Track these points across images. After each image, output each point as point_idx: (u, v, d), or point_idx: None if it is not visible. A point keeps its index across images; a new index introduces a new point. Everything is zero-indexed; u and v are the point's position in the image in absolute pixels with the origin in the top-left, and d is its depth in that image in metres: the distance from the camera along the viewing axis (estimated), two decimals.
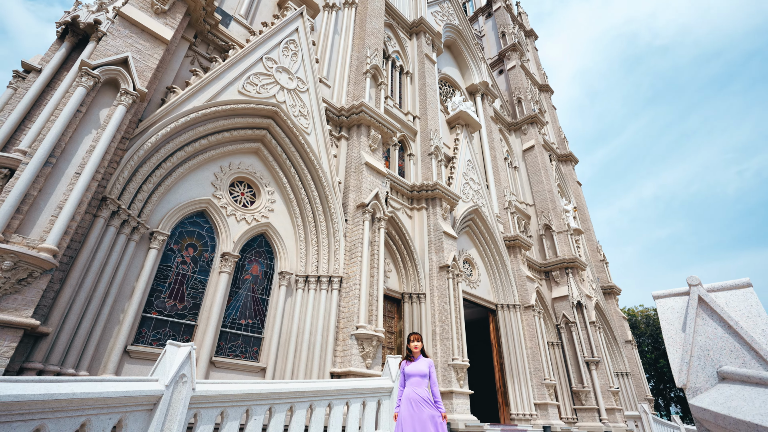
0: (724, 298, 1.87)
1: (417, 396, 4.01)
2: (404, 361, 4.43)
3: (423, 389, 4.08)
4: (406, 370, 4.33)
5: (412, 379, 4.18)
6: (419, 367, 4.24)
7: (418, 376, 4.18)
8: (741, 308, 1.82)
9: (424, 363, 4.28)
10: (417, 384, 4.13)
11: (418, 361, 4.33)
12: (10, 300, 4.87)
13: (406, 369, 4.32)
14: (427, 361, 4.32)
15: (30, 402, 3.04)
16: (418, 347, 4.39)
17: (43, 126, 5.95)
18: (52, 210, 5.53)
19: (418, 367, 4.25)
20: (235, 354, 8.26)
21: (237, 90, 9.24)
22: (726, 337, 1.70)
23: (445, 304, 12.70)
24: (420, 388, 4.09)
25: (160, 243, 7.58)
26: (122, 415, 3.85)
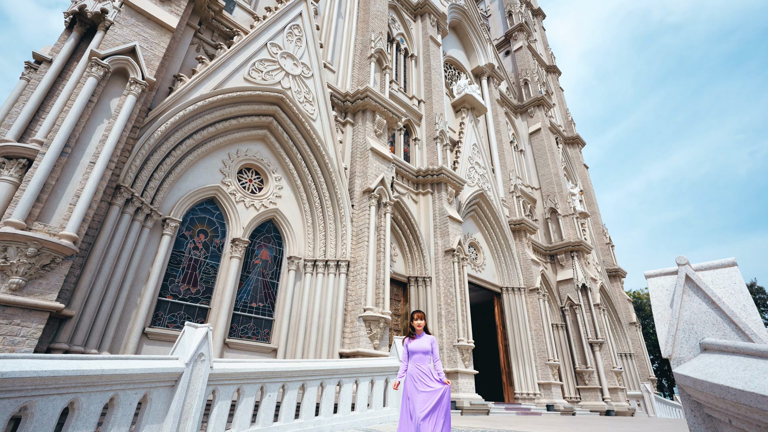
0: (711, 276, 2.00)
1: (420, 371, 4.15)
2: (407, 339, 4.53)
3: (426, 365, 4.22)
4: (409, 347, 4.45)
5: (415, 356, 4.30)
6: (422, 344, 4.35)
7: (420, 353, 4.29)
8: (725, 285, 1.94)
9: (426, 340, 4.38)
10: (420, 360, 4.26)
11: (421, 338, 4.43)
12: (36, 285, 5.12)
13: (410, 346, 4.44)
14: (429, 337, 4.43)
15: (64, 377, 3.28)
16: (421, 325, 4.49)
17: (57, 116, 6.11)
18: (70, 198, 5.73)
19: (421, 344, 4.36)
20: (247, 336, 8.56)
21: (243, 77, 9.29)
22: (709, 312, 1.83)
23: (450, 287, 12.92)
24: (423, 364, 4.22)
25: (172, 229, 7.80)
26: (147, 390, 4.11)
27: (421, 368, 4.18)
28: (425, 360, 4.25)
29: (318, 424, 6.12)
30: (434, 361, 4.31)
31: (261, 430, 5.38)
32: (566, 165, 28.19)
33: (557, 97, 32.45)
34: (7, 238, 4.97)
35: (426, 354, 4.28)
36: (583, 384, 18.42)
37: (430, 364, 4.25)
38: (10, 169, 5.66)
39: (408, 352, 4.40)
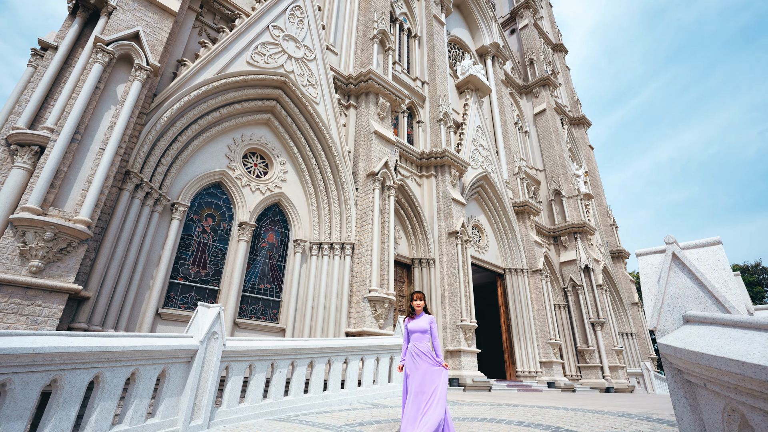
0: (697, 254, 2.11)
1: (418, 350, 4.27)
2: (407, 318, 4.63)
3: (424, 344, 4.33)
4: (408, 326, 4.55)
5: (414, 335, 4.41)
6: (421, 324, 4.45)
7: (419, 332, 4.40)
8: (709, 262, 2.06)
9: (425, 320, 4.49)
10: (419, 339, 4.36)
11: (420, 318, 4.53)
12: (54, 267, 5.34)
13: (409, 325, 4.54)
14: (428, 317, 4.54)
15: (89, 353, 3.50)
16: (420, 305, 4.59)
17: (66, 103, 6.20)
18: (82, 184, 5.89)
19: (419, 324, 4.46)
20: (256, 316, 8.84)
21: (245, 61, 9.29)
22: (693, 287, 1.95)
23: (453, 269, 13.12)
24: (421, 343, 4.33)
25: (181, 214, 7.98)
26: (165, 365, 4.35)
27: (419, 347, 4.30)
28: (423, 339, 4.36)
29: (326, 399, 6.41)
30: (432, 341, 4.43)
31: (272, 403, 5.66)
32: (571, 146, 27.96)
33: (563, 77, 31.90)
34: (25, 223, 5.16)
35: (424, 333, 4.40)
36: (584, 362, 18.81)
37: (429, 344, 4.37)
38: (23, 156, 5.80)
39: (407, 332, 4.51)
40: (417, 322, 4.49)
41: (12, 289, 4.94)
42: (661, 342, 1.88)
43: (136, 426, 3.95)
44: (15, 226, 5.19)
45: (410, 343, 4.45)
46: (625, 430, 3.98)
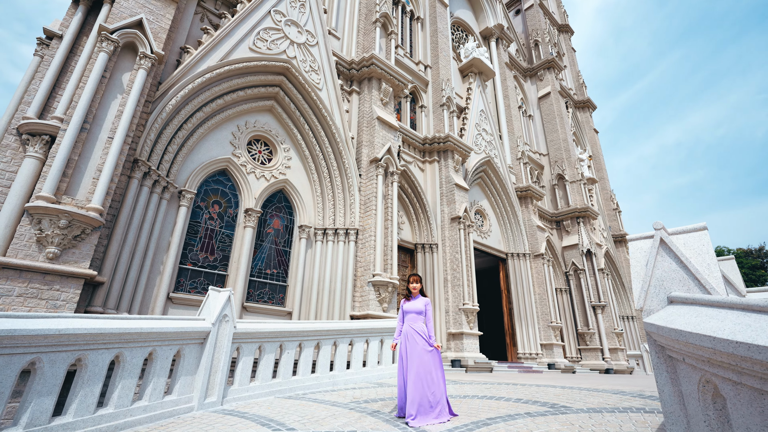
0: (683, 240, 2.23)
1: (413, 330, 4.41)
2: (404, 300, 4.74)
3: (419, 324, 4.46)
4: (404, 307, 4.67)
5: (409, 316, 4.53)
6: (416, 305, 4.57)
7: (414, 313, 4.53)
8: (695, 247, 2.18)
9: (421, 301, 4.60)
10: (413, 320, 4.49)
11: (416, 299, 4.64)
12: (70, 254, 5.53)
13: (405, 306, 4.66)
14: (424, 299, 4.64)
15: (110, 334, 3.70)
16: (417, 287, 4.69)
17: (74, 93, 6.30)
18: (93, 173, 6.03)
19: (415, 305, 4.58)
20: (263, 300, 9.09)
21: (248, 47, 9.28)
22: (678, 270, 2.08)
23: (456, 253, 13.30)
24: (416, 324, 4.46)
25: (188, 201, 8.14)
26: (180, 346, 4.57)
27: (414, 327, 4.43)
28: (418, 320, 4.50)
29: (333, 378, 6.68)
30: (426, 322, 4.54)
31: (281, 382, 5.92)
32: (575, 130, 27.73)
33: (569, 59, 31.37)
34: (41, 211, 5.34)
35: (419, 314, 4.52)
36: (584, 344, 19.14)
37: (423, 324, 4.49)
38: (35, 146, 5.93)
39: (403, 312, 4.64)
40: (413, 303, 4.62)
41: (31, 275, 5.15)
42: (647, 321, 2.02)
43: (155, 402, 4.19)
44: (31, 214, 5.36)
45: (405, 324, 4.58)
46: (618, 405, 4.19)
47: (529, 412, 4.09)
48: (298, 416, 4.34)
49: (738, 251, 50.91)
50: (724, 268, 4.38)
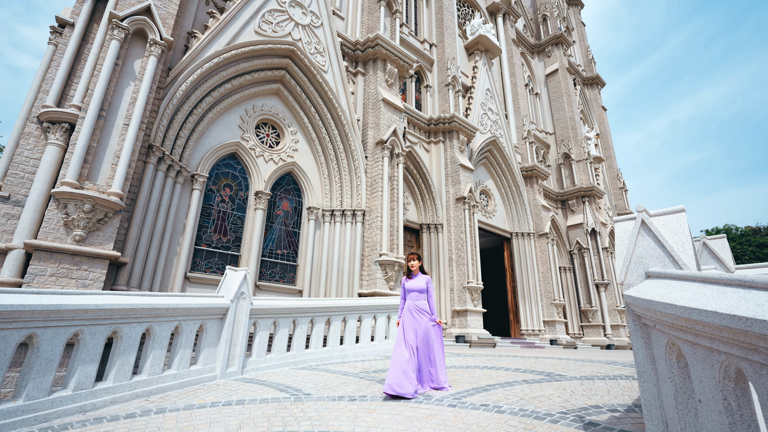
0: (663, 221, 2.45)
1: (416, 307, 4.58)
2: (404, 278, 4.86)
3: (421, 302, 4.64)
4: (406, 285, 4.79)
5: (411, 294, 4.68)
6: (417, 283, 4.71)
7: (416, 291, 4.68)
8: (673, 227, 2.40)
9: (422, 279, 4.74)
10: (415, 297, 4.66)
11: (416, 277, 4.78)
12: (94, 236, 5.88)
13: (406, 285, 4.78)
14: (425, 277, 4.77)
15: (141, 309, 4.05)
16: (415, 266, 4.81)
17: (89, 81, 6.50)
18: (111, 159, 6.30)
19: (416, 283, 4.72)
20: (274, 279, 9.48)
21: (253, 30, 9.33)
22: (656, 249, 2.31)
23: (461, 233, 13.56)
24: (418, 301, 4.63)
25: (201, 184, 8.42)
26: (202, 321, 4.94)
27: (418, 305, 4.61)
28: (421, 297, 4.67)
29: (343, 351, 7.08)
30: (428, 299, 4.70)
31: (295, 355, 6.33)
32: (583, 108, 27.35)
33: (578, 34, 30.59)
34: (66, 197, 5.65)
35: (421, 292, 4.69)
36: (587, 321, 19.56)
37: (425, 302, 4.67)
38: (56, 133, 6.20)
39: (405, 290, 4.79)
40: (414, 281, 4.77)
41: (61, 256, 5.51)
42: (626, 294, 2.27)
43: (182, 371, 4.59)
44: (57, 199, 5.68)
45: (408, 301, 4.73)
46: (609, 373, 4.50)
47: (526, 380, 4.42)
48: (312, 384, 4.72)
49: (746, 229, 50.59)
50: (715, 246, 4.59)
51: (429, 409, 3.56)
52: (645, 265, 2.31)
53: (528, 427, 2.91)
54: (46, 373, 3.28)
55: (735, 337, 1.44)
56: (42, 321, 3.24)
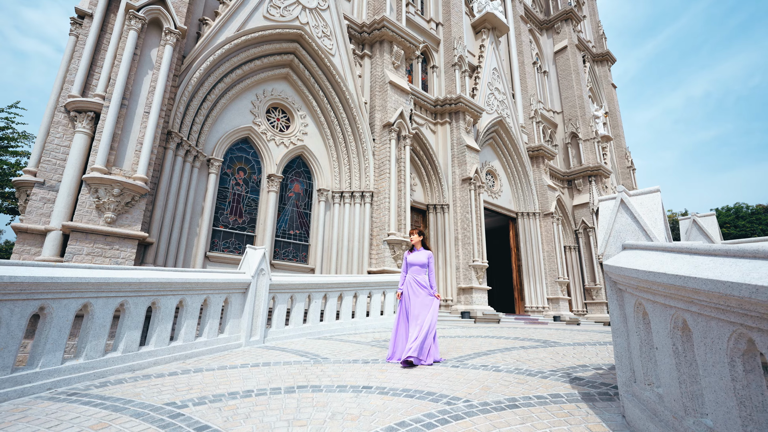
0: (640, 200, 2.75)
1: (417, 282, 4.65)
2: (407, 252, 4.91)
3: (422, 276, 4.69)
4: (408, 259, 4.83)
5: (412, 268, 4.73)
6: (420, 258, 4.76)
7: (417, 266, 4.73)
8: (648, 206, 2.71)
9: (424, 254, 4.79)
10: (417, 272, 4.71)
11: (419, 252, 4.82)
12: (124, 218, 6.33)
13: (408, 258, 4.82)
14: (426, 252, 4.79)
15: (175, 283, 4.51)
16: (418, 240, 4.84)
17: (110, 71, 6.82)
18: (134, 145, 6.69)
19: (418, 258, 4.76)
20: (288, 258, 9.96)
21: (262, 15, 9.49)
22: (632, 224, 2.63)
23: (467, 213, 13.87)
24: (419, 276, 4.69)
25: (216, 168, 8.81)
26: (227, 294, 5.41)
27: (418, 279, 4.68)
28: (422, 272, 4.73)
29: (354, 324, 7.58)
30: (429, 273, 4.75)
31: (311, 326, 6.83)
32: (592, 85, 26.97)
33: (589, 8, 29.83)
34: (96, 182, 6.07)
35: (423, 267, 4.74)
36: (590, 299, 19.98)
37: (426, 276, 4.74)
38: (82, 122, 6.58)
39: (407, 264, 4.85)
40: (416, 255, 4.82)
41: (95, 237, 5.98)
42: (605, 263, 2.61)
43: (211, 338, 5.08)
44: (88, 184, 6.11)
45: (409, 275, 4.78)
46: (600, 340, 4.90)
47: (524, 346, 4.84)
48: (328, 350, 5.20)
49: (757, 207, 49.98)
50: (704, 223, 4.88)
51: (434, 369, 4.00)
52: (622, 238, 2.64)
53: (521, 381, 3.33)
54: (99, 336, 3.76)
55: (679, 294, 1.79)
56: (95, 292, 3.69)
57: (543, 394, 2.99)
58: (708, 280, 1.54)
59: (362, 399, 3.02)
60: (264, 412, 2.74)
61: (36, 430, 2.48)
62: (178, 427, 2.50)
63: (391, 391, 3.21)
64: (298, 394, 3.15)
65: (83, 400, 3.04)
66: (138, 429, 2.47)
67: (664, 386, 2.06)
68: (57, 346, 3.41)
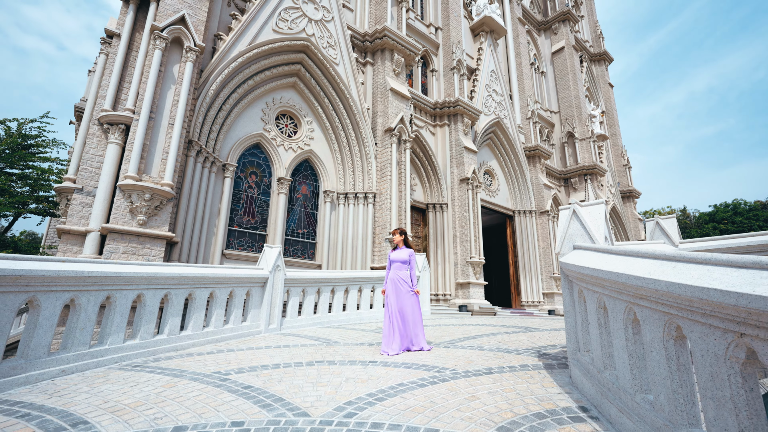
0: (589, 210, 3.46)
1: (398, 277, 5.01)
2: (391, 250, 5.31)
3: (404, 272, 5.05)
4: (391, 257, 5.14)
5: (395, 264, 5.09)
6: (401, 255, 5.09)
7: (399, 262, 5.09)
8: (594, 215, 3.41)
9: (405, 252, 5.11)
10: (399, 268, 5.04)
11: (401, 250, 5.16)
12: (154, 220, 7.07)
13: (392, 256, 5.13)
14: (408, 250, 5.12)
15: (207, 278, 5.26)
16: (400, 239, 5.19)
17: (138, 87, 7.54)
18: (161, 154, 7.42)
19: (400, 255, 5.09)
20: (297, 255, 10.71)
21: (271, 29, 10.18)
22: (580, 229, 3.33)
23: (464, 212, 14.59)
24: (401, 272, 5.00)
25: (231, 172, 9.54)
26: (248, 287, 6.16)
27: (399, 275, 5.03)
28: (403, 268, 5.10)
29: (359, 315, 8.34)
30: (410, 270, 5.12)
31: (320, 317, 7.58)
32: (589, 85, 27.53)
33: (587, 8, 30.31)
34: (130, 188, 6.81)
35: (404, 264, 5.12)
36: None
37: (407, 272, 5.11)
38: (114, 134, 7.31)
39: (390, 261, 5.22)
40: (398, 253, 5.15)
41: (129, 237, 6.73)
42: (560, 260, 3.33)
43: (236, 326, 5.84)
44: (123, 190, 6.85)
45: (392, 271, 5.06)
46: None
47: (507, 332, 5.58)
48: (338, 336, 5.96)
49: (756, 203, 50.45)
50: (666, 224, 5.59)
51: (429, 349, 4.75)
52: (574, 240, 3.36)
53: (499, 357, 4.07)
54: (150, 321, 4.52)
55: (599, 282, 2.52)
56: (146, 285, 4.44)
57: (514, 364, 3.73)
58: (608, 272, 2.28)
59: (369, 369, 3.77)
60: (292, 378, 3.49)
61: (121, 387, 3.23)
62: (228, 386, 3.25)
63: (392, 364, 3.96)
64: (317, 367, 3.90)
65: (147, 370, 3.79)
66: (198, 387, 3.22)
67: (593, 351, 2.79)
68: (119, 328, 4.16)
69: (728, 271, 1.51)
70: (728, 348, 1.44)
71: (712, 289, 1.43)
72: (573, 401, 2.71)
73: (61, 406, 2.83)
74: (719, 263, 1.59)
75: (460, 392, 2.94)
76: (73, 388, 3.23)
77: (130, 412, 2.67)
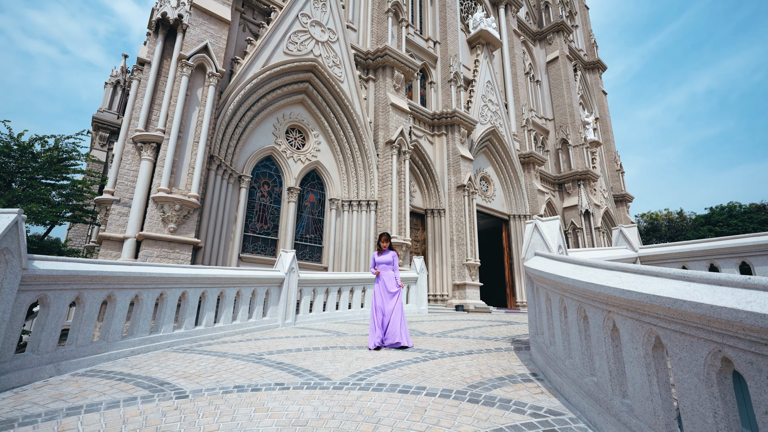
0: (548, 224, 4.37)
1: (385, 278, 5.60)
2: (375, 253, 5.86)
3: (389, 272, 5.63)
4: (376, 259, 5.68)
5: (380, 266, 5.73)
6: (386, 257, 5.70)
7: (384, 263, 5.68)
8: (551, 228, 4.32)
9: (389, 254, 5.72)
10: (384, 268, 5.68)
11: (386, 253, 5.76)
12: (182, 228, 8.00)
13: (376, 258, 5.68)
14: (392, 252, 5.72)
15: (236, 278, 6.19)
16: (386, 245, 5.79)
17: (168, 109, 8.49)
18: (187, 169, 8.36)
19: (384, 258, 5.69)
20: (305, 258, 11.63)
21: (282, 51, 11.14)
22: (540, 239, 4.24)
23: (461, 217, 15.50)
24: (386, 272, 5.64)
25: (246, 183, 10.48)
26: (268, 287, 7.09)
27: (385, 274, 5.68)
28: (388, 268, 5.75)
29: (363, 312, 9.25)
30: (394, 270, 5.69)
31: (329, 313, 8.50)
32: (583, 93, 28.47)
33: (581, 18, 31.28)
34: (162, 200, 7.75)
35: (388, 264, 5.76)
36: None
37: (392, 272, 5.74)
38: (147, 151, 8.25)
39: (374, 263, 5.85)
40: (383, 256, 5.79)
41: (162, 242, 7.66)
42: (525, 265, 4.25)
43: (258, 320, 6.76)
44: (155, 201, 7.78)
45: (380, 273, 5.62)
46: None
47: (492, 325, 6.50)
48: (345, 329, 6.87)
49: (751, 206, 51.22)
50: (628, 233, 6.50)
51: (421, 338, 5.66)
52: (535, 249, 4.28)
53: (480, 343, 4.98)
54: (191, 315, 5.44)
55: (548, 281, 3.44)
56: (189, 284, 5.37)
57: (491, 348, 4.64)
58: (551, 274, 3.20)
59: (373, 352, 4.68)
60: (313, 357, 4.41)
61: (182, 363, 4.15)
62: (265, 362, 4.16)
63: (392, 349, 4.87)
64: (331, 350, 4.82)
65: (195, 352, 4.71)
66: (241, 364, 4.14)
67: (546, 333, 3.70)
68: (169, 319, 5.09)
69: (617, 274, 2.43)
70: (604, 321, 2.37)
71: (600, 284, 2.36)
72: (528, 370, 3.62)
73: (144, 373, 3.75)
74: (607, 267, 2.51)
75: (445, 366, 3.85)
76: (146, 363, 4.15)
77: (197, 377, 3.59)
